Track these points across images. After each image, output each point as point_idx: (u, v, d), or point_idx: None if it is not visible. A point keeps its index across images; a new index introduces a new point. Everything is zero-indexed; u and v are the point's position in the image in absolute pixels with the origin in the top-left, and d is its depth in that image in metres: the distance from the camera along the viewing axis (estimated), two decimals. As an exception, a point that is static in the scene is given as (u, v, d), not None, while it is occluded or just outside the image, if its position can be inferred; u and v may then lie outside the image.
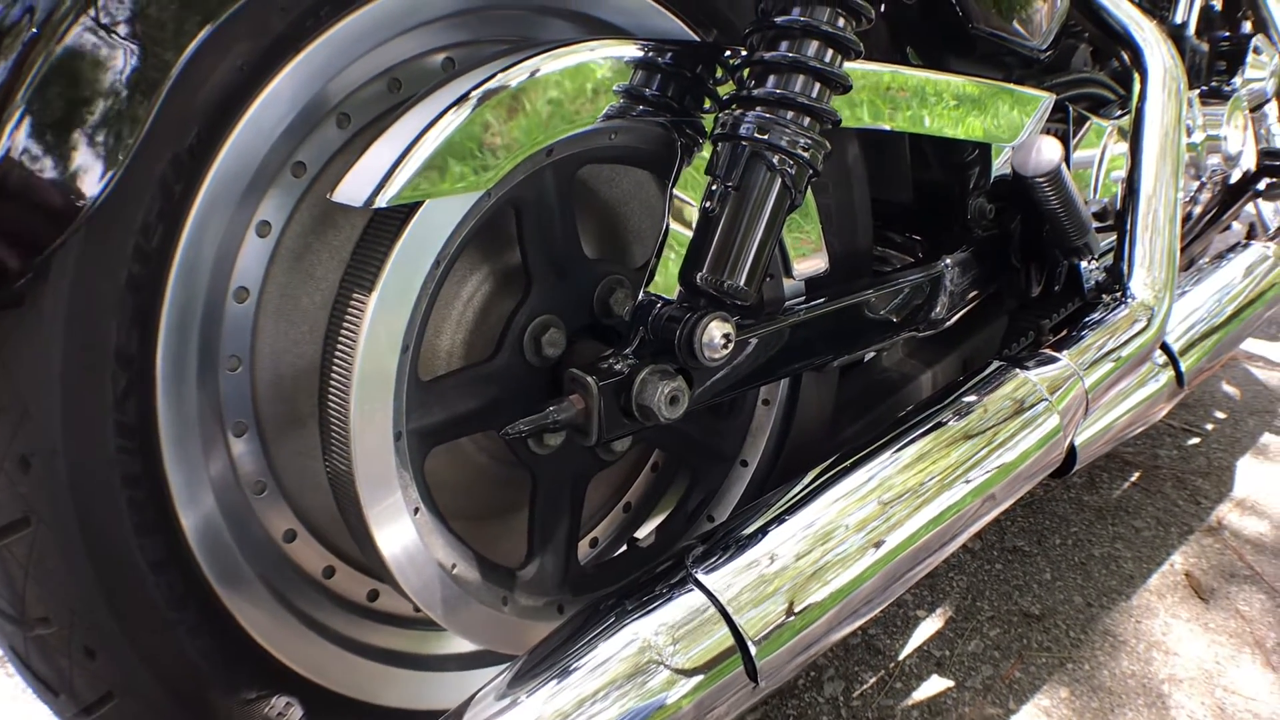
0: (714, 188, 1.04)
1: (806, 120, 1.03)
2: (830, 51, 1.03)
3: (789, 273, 1.25)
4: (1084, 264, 1.69)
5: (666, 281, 1.11)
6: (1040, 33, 1.51)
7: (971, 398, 1.25)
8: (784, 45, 1.03)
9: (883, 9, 1.35)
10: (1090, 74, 1.89)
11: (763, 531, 1.07)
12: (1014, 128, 1.48)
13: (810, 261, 1.26)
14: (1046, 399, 1.26)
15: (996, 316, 1.61)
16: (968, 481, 1.20)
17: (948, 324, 1.42)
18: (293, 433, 1.12)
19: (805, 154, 1.02)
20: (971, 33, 1.37)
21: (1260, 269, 1.99)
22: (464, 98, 0.97)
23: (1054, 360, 1.34)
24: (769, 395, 1.32)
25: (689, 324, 1.03)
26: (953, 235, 1.50)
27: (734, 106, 1.04)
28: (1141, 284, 1.50)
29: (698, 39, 1.21)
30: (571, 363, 1.12)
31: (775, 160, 1.01)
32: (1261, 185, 2.35)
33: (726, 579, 1.00)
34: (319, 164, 1.05)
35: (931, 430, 1.21)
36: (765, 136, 1.01)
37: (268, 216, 1.03)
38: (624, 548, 1.35)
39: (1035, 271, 1.60)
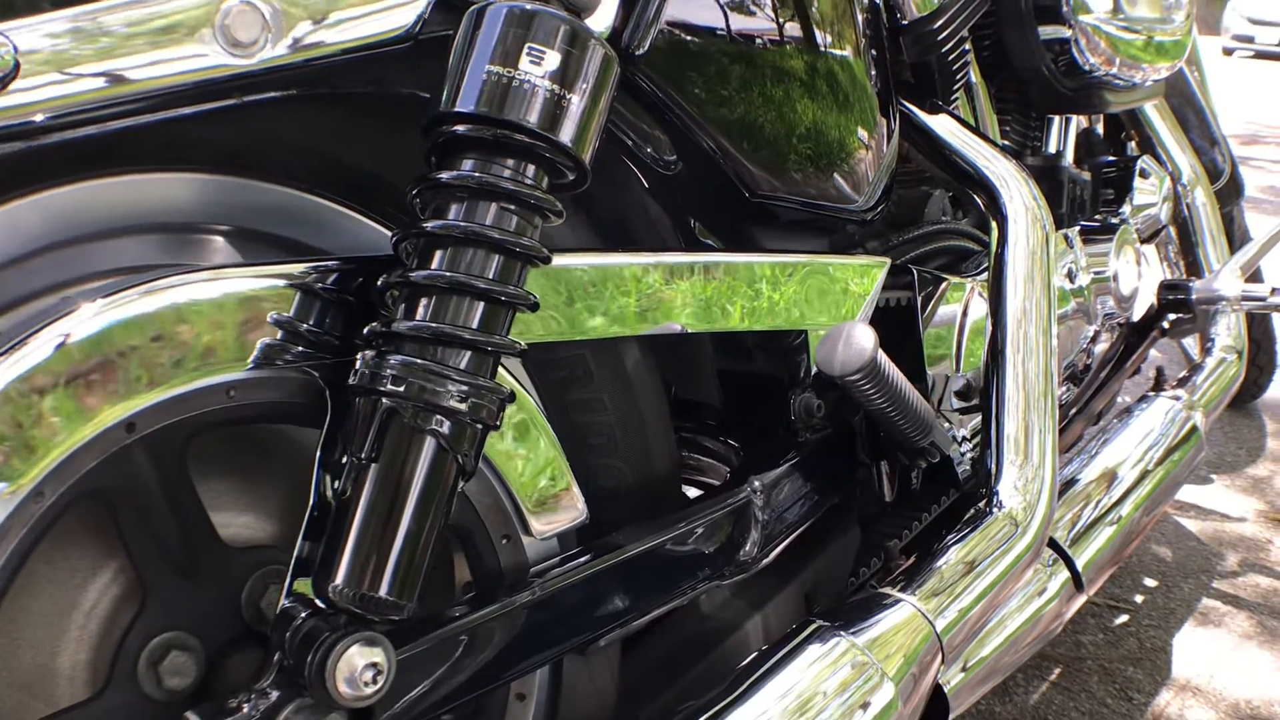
0: (344, 459, 0.76)
1: (468, 359, 0.75)
2: (499, 261, 0.76)
3: (528, 531, 0.96)
4: (955, 450, 1.42)
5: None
6: (864, 188, 1.26)
7: (784, 672, 0.96)
8: (437, 258, 0.76)
9: (646, 186, 1.11)
10: (948, 224, 1.64)
11: None
12: (840, 305, 1.22)
13: (556, 512, 0.97)
14: (875, 665, 0.97)
15: (847, 529, 1.32)
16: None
17: (763, 564, 1.13)
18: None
19: (463, 406, 0.74)
20: (759, 204, 1.11)
21: (1169, 426, 1.73)
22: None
23: (893, 604, 1.05)
24: (523, 688, 1.02)
25: (321, 651, 0.74)
26: (775, 442, 1.22)
27: (377, 345, 0.76)
28: (1011, 486, 1.22)
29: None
30: (211, 694, 0.83)
31: (422, 420, 0.73)
32: (1166, 323, 2.11)
33: None
34: None
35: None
36: (402, 389, 0.73)
37: None
38: None
39: (889, 470, 1.32)
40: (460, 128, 0.77)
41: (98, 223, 0.85)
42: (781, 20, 1.14)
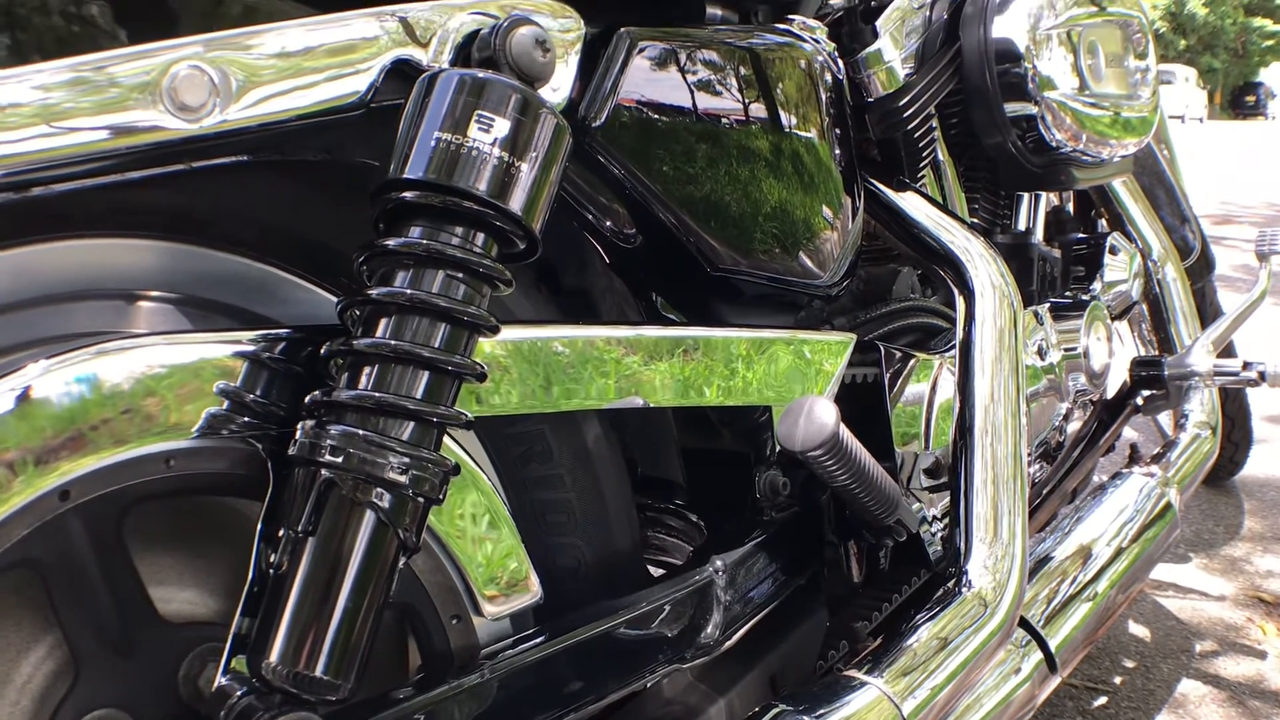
0: (281, 533, 0.73)
1: (411, 430, 0.73)
2: (446, 330, 0.75)
3: (479, 611, 0.93)
4: (925, 529, 1.39)
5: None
6: (828, 264, 1.25)
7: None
8: (382, 326, 0.74)
9: (607, 261, 1.09)
10: (916, 302, 1.64)
11: None
12: (809, 381, 1.20)
13: (509, 592, 0.94)
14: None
15: (814, 611, 1.29)
16: None
17: (725, 646, 1.10)
18: None
19: (403, 478, 0.72)
20: (722, 278, 1.10)
21: (1144, 502, 1.71)
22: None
23: (859, 687, 1.02)
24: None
25: (253, 733, 0.71)
26: (740, 521, 1.19)
27: (318, 414, 0.74)
28: (980, 565, 1.19)
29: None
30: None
31: (361, 493, 0.71)
32: (1139, 399, 2.09)
33: None
34: None
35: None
36: (340, 459, 0.71)
37: None
38: None
39: (857, 550, 1.30)
40: (408, 194, 0.76)
41: (45, 287, 0.83)
42: (744, 96, 1.14)
